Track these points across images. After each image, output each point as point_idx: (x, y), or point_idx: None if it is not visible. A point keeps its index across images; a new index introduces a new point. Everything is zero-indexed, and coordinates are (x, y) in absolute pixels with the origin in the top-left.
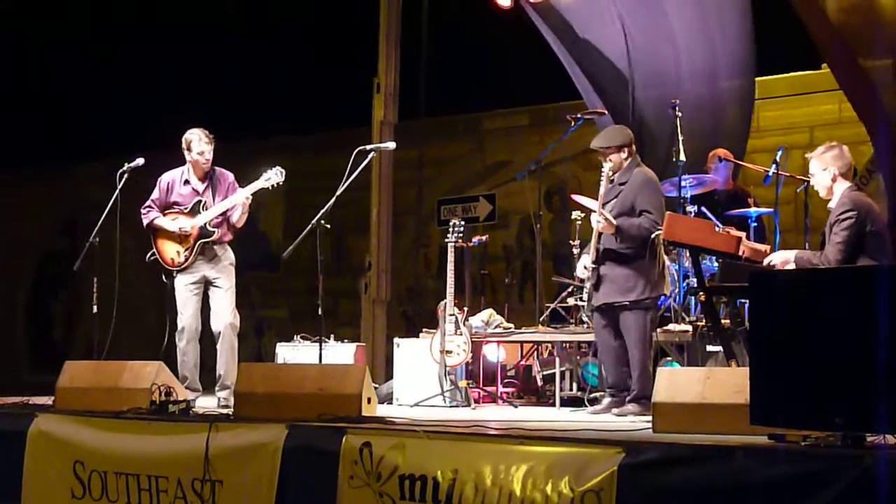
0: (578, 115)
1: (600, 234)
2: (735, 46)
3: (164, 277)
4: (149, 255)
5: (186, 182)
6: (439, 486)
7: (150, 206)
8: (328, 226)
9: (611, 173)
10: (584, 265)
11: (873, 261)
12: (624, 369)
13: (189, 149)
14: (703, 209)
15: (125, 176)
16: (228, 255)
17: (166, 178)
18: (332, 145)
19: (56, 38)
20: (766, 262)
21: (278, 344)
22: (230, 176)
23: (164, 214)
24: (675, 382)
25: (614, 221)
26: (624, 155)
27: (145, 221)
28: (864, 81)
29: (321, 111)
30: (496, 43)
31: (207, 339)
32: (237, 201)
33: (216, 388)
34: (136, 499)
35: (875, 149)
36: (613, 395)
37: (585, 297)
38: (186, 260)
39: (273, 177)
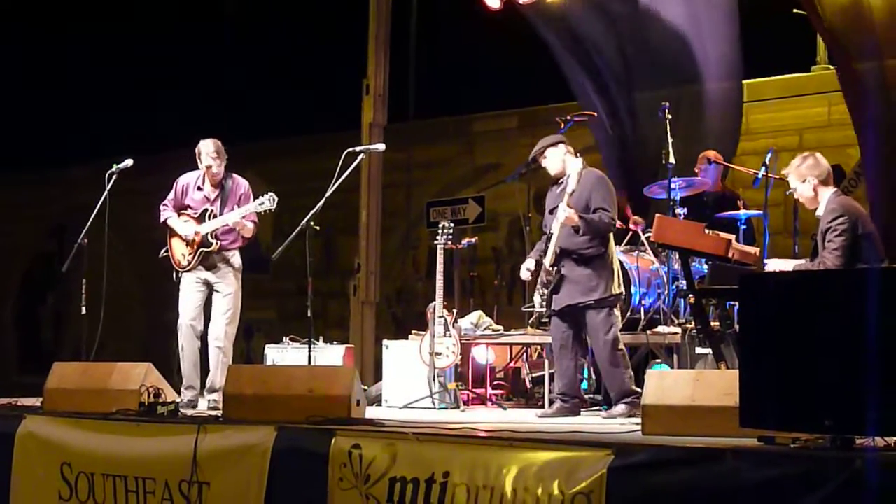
0: (568, 118)
1: (554, 237)
2: (724, 48)
3: (174, 276)
4: (162, 251)
5: (200, 188)
6: (431, 489)
7: (166, 205)
8: (317, 227)
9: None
10: (526, 268)
11: (866, 265)
12: (578, 375)
13: (199, 158)
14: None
15: (114, 177)
16: (234, 261)
17: (182, 180)
18: (321, 147)
19: (46, 42)
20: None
21: (267, 346)
22: (244, 186)
23: (179, 214)
24: (665, 385)
25: (577, 214)
26: (560, 151)
27: (161, 219)
28: (857, 84)
29: (311, 113)
30: (486, 45)
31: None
32: (229, 221)
33: (205, 391)
34: (123, 500)
35: (862, 152)
36: (564, 400)
37: (538, 300)
38: (189, 264)
39: (266, 202)
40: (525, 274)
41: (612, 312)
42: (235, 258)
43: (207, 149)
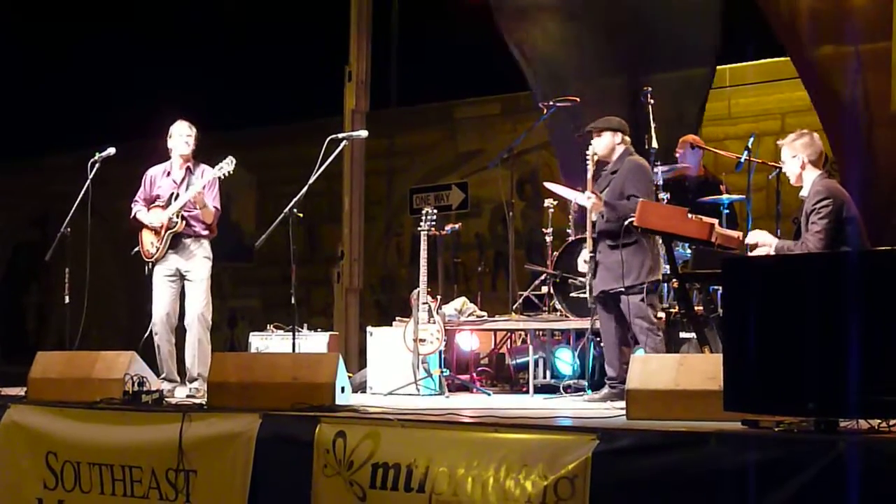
0: (550, 103)
1: (594, 223)
2: (701, 33)
3: (146, 270)
4: (134, 249)
5: (168, 174)
6: (413, 475)
7: (136, 201)
8: (300, 215)
9: (595, 156)
10: (583, 259)
11: (851, 248)
12: (625, 363)
13: (170, 136)
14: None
15: (96, 166)
16: (204, 249)
17: (150, 172)
18: (303, 134)
19: (24, 30)
20: (747, 240)
21: (251, 334)
22: (211, 174)
23: (150, 208)
24: (649, 369)
25: (602, 198)
26: (617, 139)
27: (131, 215)
28: (812, 72)
29: (293, 100)
30: (467, 31)
31: (184, 330)
32: (191, 194)
33: (186, 380)
34: (110, 489)
35: (831, 136)
36: (613, 386)
37: (587, 287)
38: (158, 251)
39: (224, 166)
40: (582, 266)
41: (644, 299)
42: (205, 247)
43: (176, 130)
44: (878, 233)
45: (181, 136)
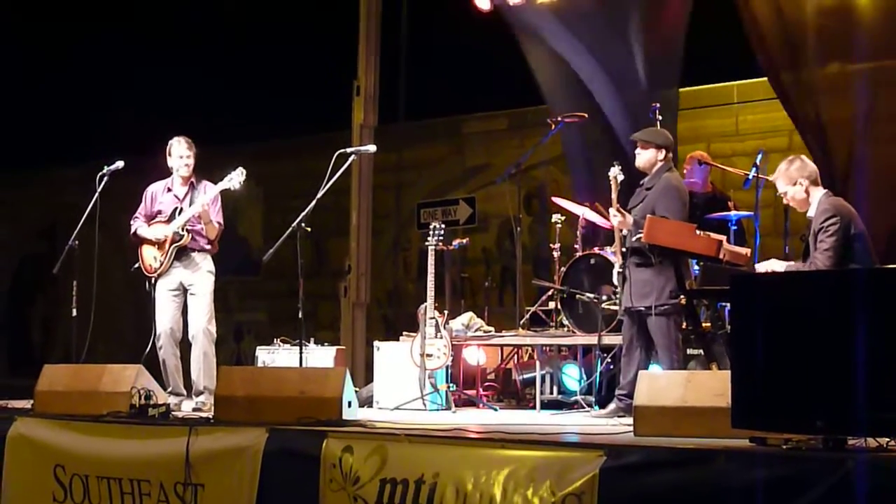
0: (558, 119)
1: (623, 237)
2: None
3: (146, 286)
4: (134, 265)
5: (169, 190)
6: (421, 491)
7: (136, 217)
8: (308, 229)
9: (617, 178)
10: (617, 270)
11: (859, 265)
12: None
13: (170, 154)
14: None
15: (105, 179)
16: (207, 264)
17: (150, 189)
18: (311, 148)
19: (31, 41)
20: (758, 268)
21: (258, 347)
22: (214, 191)
23: (150, 224)
24: (657, 386)
25: (628, 216)
26: (660, 155)
27: (131, 231)
28: (787, 93)
29: (301, 114)
30: (476, 46)
31: (189, 344)
32: (197, 208)
33: (192, 394)
34: (119, 502)
35: (822, 158)
36: (621, 399)
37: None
38: (162, 265)
39: (235, 177)
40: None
41: (670, 319)
42: (209, 261)
43: (175, 144)
44: (886, 250)
45: (180, 157)
